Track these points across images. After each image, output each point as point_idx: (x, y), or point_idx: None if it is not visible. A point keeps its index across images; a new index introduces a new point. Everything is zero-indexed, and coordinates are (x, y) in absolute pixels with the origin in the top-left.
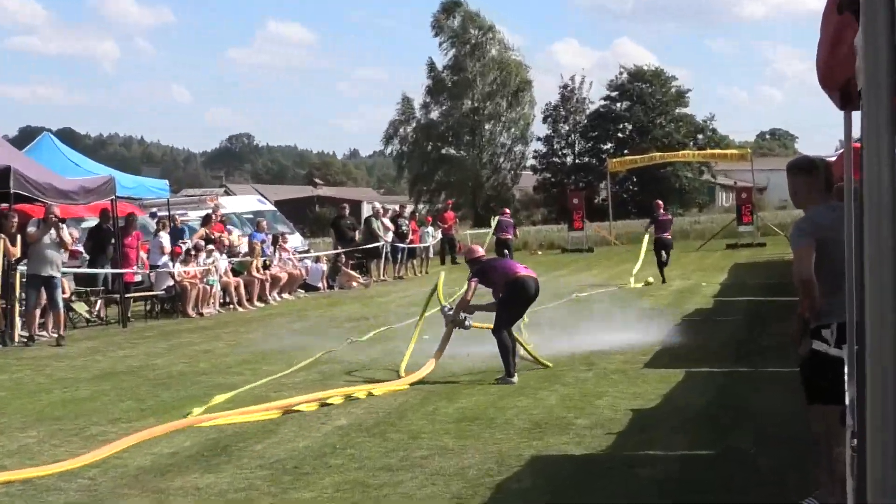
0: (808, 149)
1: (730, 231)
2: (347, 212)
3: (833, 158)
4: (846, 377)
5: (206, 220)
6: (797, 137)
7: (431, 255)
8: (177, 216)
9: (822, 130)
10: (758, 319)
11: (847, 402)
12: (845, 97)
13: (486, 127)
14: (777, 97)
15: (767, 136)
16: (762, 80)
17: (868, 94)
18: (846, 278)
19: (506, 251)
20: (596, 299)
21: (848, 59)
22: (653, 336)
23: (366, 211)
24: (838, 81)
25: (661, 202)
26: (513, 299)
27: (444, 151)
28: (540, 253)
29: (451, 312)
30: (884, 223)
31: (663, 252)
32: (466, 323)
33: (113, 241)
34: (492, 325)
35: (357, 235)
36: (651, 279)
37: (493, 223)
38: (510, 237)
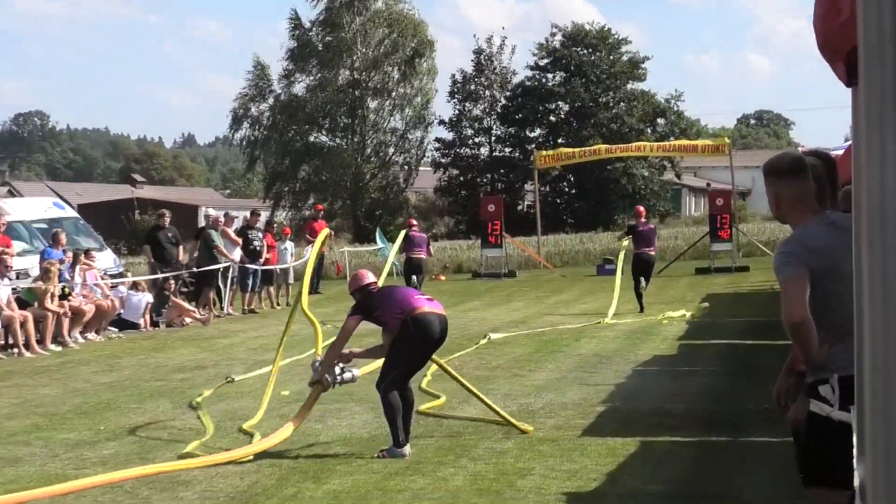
0: (807, 138)
1: (700, 250)
2: (168, 220)
3: (841, 152)
4: (855, 450)
5: None
6: (792, 123)
7: (292, 279)
8: None
9: (827, 114)
10: (737, 371)
11: (857, 483)
12: (853, 70)
13: (371, 106)
14: (764, 67)
15: (752, 122)
16: (744, 43)
17: (867, 67)
18: (856, 317)
19: (414, 277)
20: (518, 342)
21: (853, 21)
22: (595, 393)
23: (203, 219)
24: (842, 49)
25: (642, 208)
26: (410, 344)
27: (312, 139)
28: (444, 279)
29: (319, 367)
30: (890, 236)
31: (642, 277)
32: (343, 377)
33: None
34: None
35: (181, 253)
36: (683, 312)
37: (400, 238)
38: (423, 255)
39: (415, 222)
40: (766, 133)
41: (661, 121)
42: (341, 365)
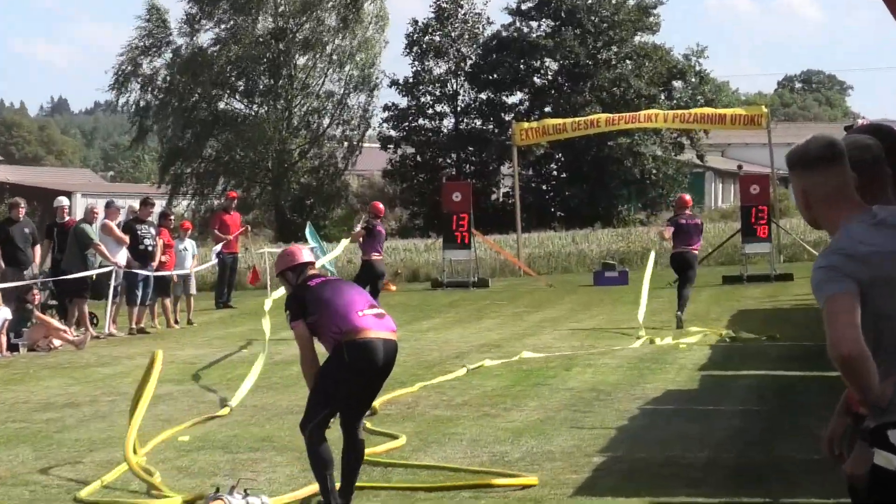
0: (869, 107)
1: (729, 253)
2: (23, 211)
3: None
4: None
5: None
6: (849, 88)
7: (194, 290)
8: None
9: (893, 76)
10: (776, 410)
11: None
12: None
13: (300, 62)
14: (813, 15)
15: (798, 86)
16: None
17: None
18: None
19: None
20: (494, 373)
21: None
22: (591, 439)
23: (80, 210)
24: None
25: (688, 197)
26: (342, 376)
27: (223, 105)
28: (394, 288)
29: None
30: None
31: (679, 281)
32: None
33: None
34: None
35: (36, 255)
36: (704, 332)
37: (359, 226)
38: (379, 256)
39: (382, 207)
40: (815, 100)
41: (678, 84)
42: (244, 490)
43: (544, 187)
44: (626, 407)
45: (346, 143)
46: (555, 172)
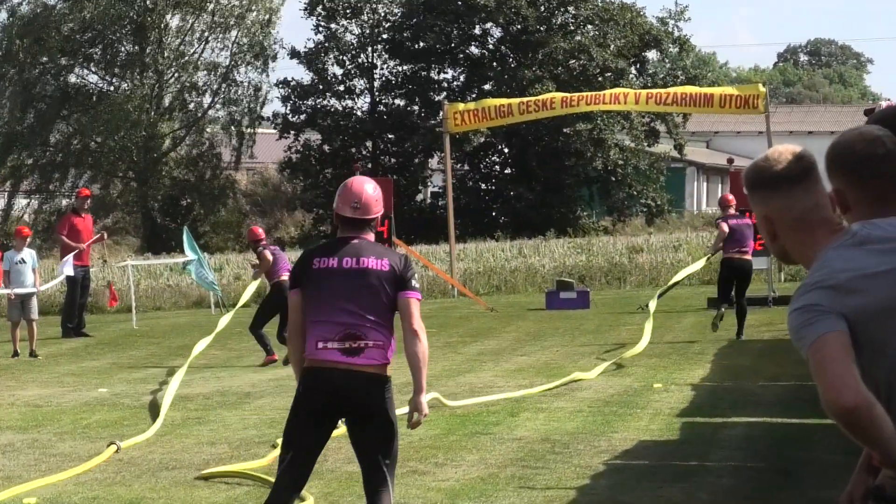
0: (893, 87)
1: (716, 269)
2: None
3: None
4: None
5: None
6: (868, 61)
7: (36, 314)
8: None
9: None
10: (776, 468)
11: None
12: None
13: (172, 25)
14: None
15: (804, 59)
16: None
17: None
18: None
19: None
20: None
21: None
22: (543, 502)
23: None
24: None
25: (731, 196)
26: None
27: (74, 79)
28: None
29: None
30: None
31: (734, 292)
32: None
33: None
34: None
35: None
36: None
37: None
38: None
39: (259, 230)
40: (825, 77)
41: (652, 55)
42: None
43: (484, 186)
44: (587, 462)
45: (232, 129)
46: (497, 168)
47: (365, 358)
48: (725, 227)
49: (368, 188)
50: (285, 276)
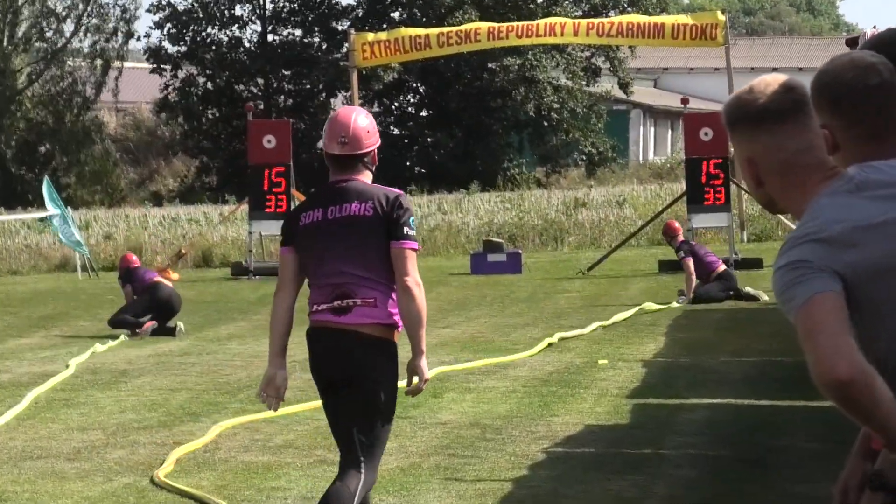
0: (871, 14)
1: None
2: None
3: None
4: None
5: None
6: None
7: None
8: None
9: None
10: (743, 457)
11: None
12: None
13: None
14: None
15: None
16: None
17: None
18: None
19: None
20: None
21: None
22: (474, 497)
23: None
24: None
25: (676, 224)
26: None
27: None
28: (175, 276)
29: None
30: None
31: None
32: None
33: None
34: None
35: None
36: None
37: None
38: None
39: (133, 257)
40: (790, 5)
41: None
42: None
43: (397, 131)
44: (524, 450)
45: (98, 62)
46: (412, 110)
47: (354, 316)
48: (691, 263)
49: (359, 118)
50: (155, 280)
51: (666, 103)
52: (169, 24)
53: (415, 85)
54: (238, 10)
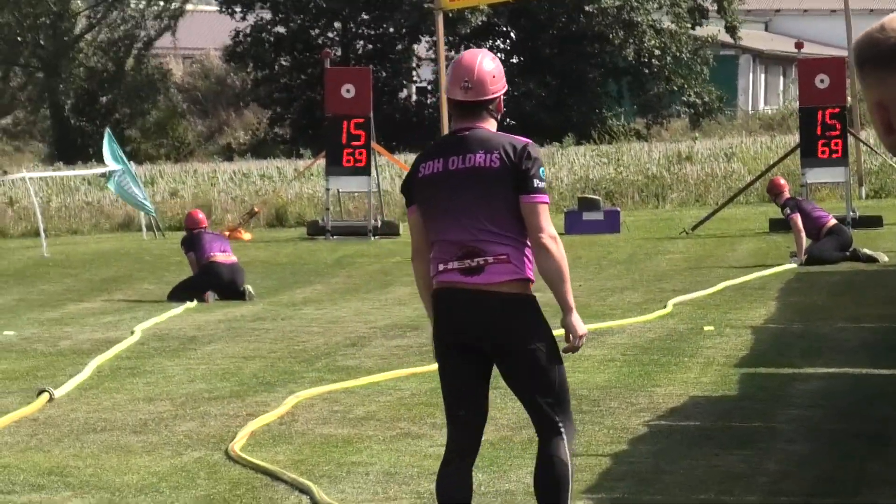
0: None
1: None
2: None
3: None
4: None
5: None
6: None
7: None
8: None
9: None
10: (860, 432)
11: None
12: None
13: None
14: None
15: None
16: None
17: None
18: None
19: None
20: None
21: None
22: None
23: None
24: None
25: (782, 181)
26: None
27: None
28: (248, 236)
29: None
30: None
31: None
32: None
33: None
34: None
35: None
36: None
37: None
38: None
39: (202, 217)
40: None
41: None
42: None
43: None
44: (624, 423)
45: (162, 3)
46: (501, 56)
47: (488, 275)
48: (799, 220)
49: (485, 62)
50: (218, 258)
51: (778, 48)
52: None
53: (505, 29)
54: None
